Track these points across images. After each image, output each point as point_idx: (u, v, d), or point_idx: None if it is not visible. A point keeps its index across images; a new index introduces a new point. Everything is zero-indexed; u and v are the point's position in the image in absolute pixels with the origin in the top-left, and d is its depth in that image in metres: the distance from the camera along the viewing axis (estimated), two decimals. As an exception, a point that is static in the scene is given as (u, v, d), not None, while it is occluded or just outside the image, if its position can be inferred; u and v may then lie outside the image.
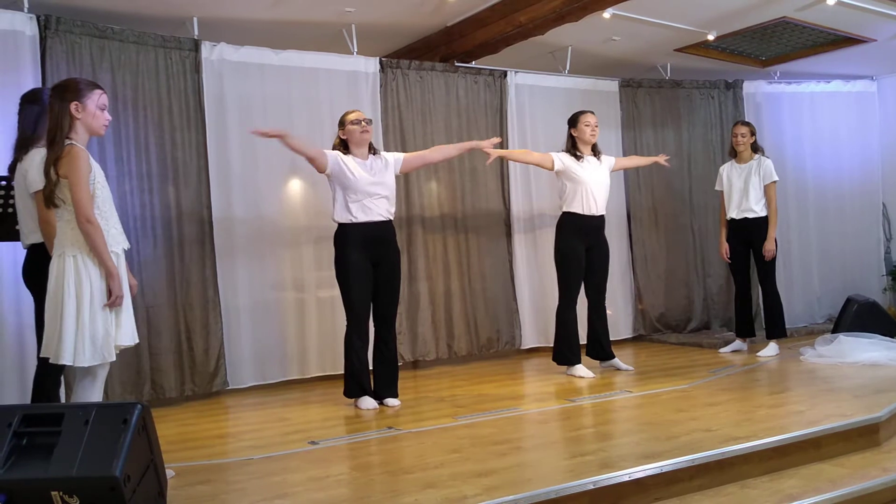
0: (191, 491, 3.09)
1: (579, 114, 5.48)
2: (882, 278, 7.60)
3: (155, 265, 5.03)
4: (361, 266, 4.55)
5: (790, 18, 6.08)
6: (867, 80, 7.70)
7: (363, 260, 4.56)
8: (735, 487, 3.15)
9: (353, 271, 4.53)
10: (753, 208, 5.92)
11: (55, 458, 2.61)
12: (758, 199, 5.91)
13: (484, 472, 3.11)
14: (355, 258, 4.53)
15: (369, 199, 4.56)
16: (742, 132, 6.01)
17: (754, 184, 5.92)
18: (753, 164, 5.97)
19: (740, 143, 6.01)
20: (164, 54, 5.13)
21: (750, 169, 5.96)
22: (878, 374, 4.88)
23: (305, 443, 3.82)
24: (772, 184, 5.90)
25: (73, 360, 3.01)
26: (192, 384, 5.11)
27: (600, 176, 5.43)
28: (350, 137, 4.61)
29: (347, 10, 5.58)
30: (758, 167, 5.93)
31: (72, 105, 3.08)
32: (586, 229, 5.38)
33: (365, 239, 4.55)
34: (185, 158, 5.17)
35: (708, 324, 7.34)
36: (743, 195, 5.97)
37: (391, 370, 4.72)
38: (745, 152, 6.02)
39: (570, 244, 5.36)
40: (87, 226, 3.02)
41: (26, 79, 4.53)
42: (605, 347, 5.58)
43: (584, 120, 5.42)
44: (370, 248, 4.57)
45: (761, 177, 5.91)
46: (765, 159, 5.96)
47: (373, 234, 4.57)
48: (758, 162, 5.95)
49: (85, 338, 3.02)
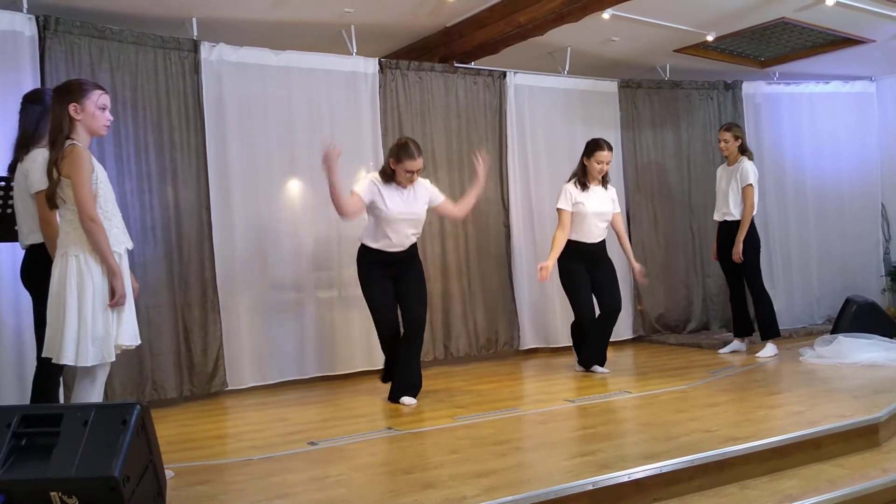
0: (190, 491, 3.09)
1: (595, 148, 5.48)
2: (881, 279, 7.60)
3: (154, 266, 5.02)
4: (382, 276, 4.68)
5: (789, 19, 6.09)
6: (866, 81, 7.70)
7: (384, 273, 4.68)
8: (735, 488, 3.15)
9: (374, 281, 4.67)
10: (732, 211, 5.95)
11: (54, 458, 2.61)
12: (736, 203, 5.93)
13: (483, 473, 3.11)
14: (376, 272, 4.67)
15: (397, 224, 4.63)
16: (725, 138, 6.01)
17: (734, 187, 5.94)
18: (736, 166, 5.99)
19: (724, 149, 6.04)
20: (163, 55, 5.13)
21: (733, 172, 5.99)
22: (877, 375, 4.88)
23: (305, 443, 3.82)
24: (748, 186, 5.88)
25: (76, 359, 3.01)
26: (191, 385, 5.11)
27: (604, 206, 5.48)
28: (398, 176, 4.63)
29: (347, 11, 5.58)
30: (738, 170, 5.95)
31: (70, 107, 3.09)
32: (587, 255, 5.45)
33: (385, 262, 4.68)
34: (184, 159, 5.17)
35: (707, 324, 7.34)
36: (724, 198, 6.01)
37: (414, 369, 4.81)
38: (732, 156, 6.03)
39: (572, 266, 5.42)
40: (90, 224, 3.02)
41: (25, 79, 4.52)
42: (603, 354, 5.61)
43: (598, 157, 5.43)
44: (390, 267, 4.70)
45: (738, 180, 5.93)
46: (745, 161, 5.95)
47: (394, 259, 4.69)
48: (738, 164, 5.97)
49: (87, 338, 3.02)
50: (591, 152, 5.47)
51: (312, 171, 5.64)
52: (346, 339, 5.75)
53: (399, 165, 4.60)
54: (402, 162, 4.59)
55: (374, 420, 4.33)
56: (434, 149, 6.18)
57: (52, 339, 3.05)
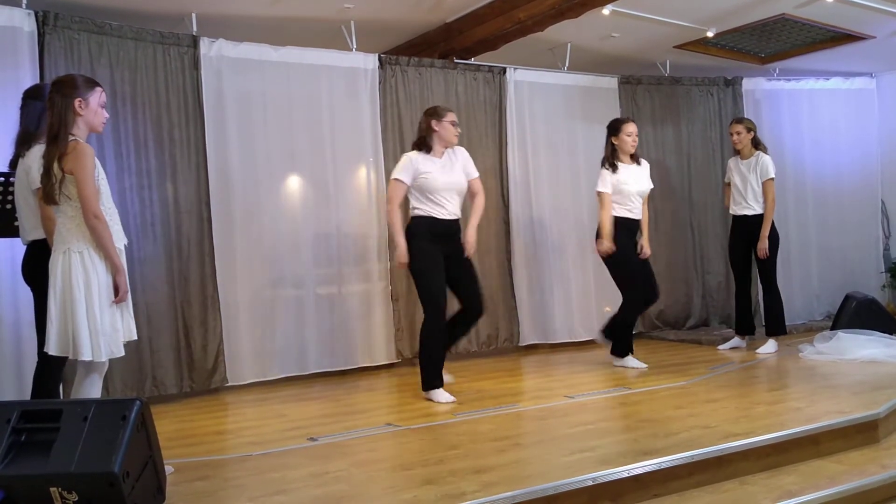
0: (190, 487, 3.09)
1: (621, 123, 5.51)
2: (881, 275, 7.60)
3: (154, 262, 5.02)
4: (435, 255, 4.58)
5: (789, 15, 6.08)
6: (866, 77, 7.69)
7: (435, 251, 4.58)
8: (734, 484, 3.16)
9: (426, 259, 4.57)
10: (752, 205, 5.93)
11: (54, 454, 2.61)
12: (755, 197, 5.92)
13: (483, 469, 3.12)
14: (427, 248, 4.57)
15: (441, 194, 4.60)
16: (737, 130, 6.01)
17: (752, 181, 5.93)
18: (753, 160, 5.97)
19: (737, 142, 6.02)
20: (162, 50, 5.12)
21: (749, 166, 5.97)
22: (876, 371, 4.88)
23: (304, 439, 3.82)
24: (768, 181, 5.89)
25: (92, 354, 3.01)
26: (191, 381, 5.11)
27: (643, 181, 5.50)
28: (445, 133, 4.64)
29: (346, 7, 5.57)
30: (755, 164, 5.94)
31: (75, 101, 3.08)
32: (631, 231, 5.45)
33: (433, 233, 4.59)
34: (183, 155, 5.16)
35: (707, 321, 7.35)
36: (742, 192, 5.98)
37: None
38: (745, 149, 6.01)
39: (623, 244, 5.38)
40: (95, 221, 3.02)
41: (25, 75, 4.52)
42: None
43: (626, 130, 5.44)
44: (439, 241, 4.59)
45: (758, 174, 5.92)
46: (763, 156, 5.95)
47: (443, 229, 4.61)
48: (756, 159, 5.96)
49: (98, 333, 3.02)
50: (618, 129, 5.47)
51: (312, 167, 5.65)
52: (345, 336, 5.75)
53: (443, 120, 4.63)
54: (444, 115, 4.65)
55: (374, 416, 4.34)
56: (434, 145, 6.17)
57: (62, 335, 3.04)
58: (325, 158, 5.72)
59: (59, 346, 3.05)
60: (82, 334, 2.99)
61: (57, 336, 3.05)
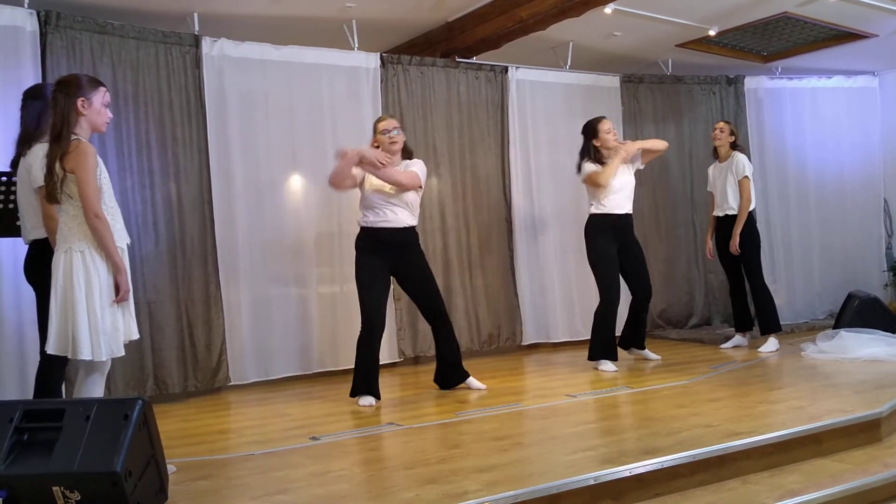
0: (192, 486, 3.09)
1: (596, 123, 5.50)
2: (883, 274, 7.60)
3: (156, 261, 5.03)
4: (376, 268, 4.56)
5: (792, 14, 6.07)
6: (869, 76, 7.68)
7: (379, 263, 4.56)
8: (736, 483, 3.15)
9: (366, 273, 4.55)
10: (732, 205, 5.98)
11: (56, 453, 2.62)
12: (736, 197, 5.95)
13: (485, 468, 3.12)
14: (370, 261, 4.55)
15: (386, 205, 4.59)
16: (720, 127, 6.08)
17: (730, 182, 5.98)
18: (729, 161, 6.02)
19: (717, 139, 6.07)
20: (164, 50, 5.13)
21: (727, 167, 6.02)
22: (879, 370, 4.87)
23: (307, 438, 3.82)
24: (744, 178, 5.93)
25: (92, 354, 3.01)
26: (195, 380, 5.11)
27: (627, 176, 5.50)
28: (381, 147, 4.63)
29: (348, 6, 5.57)
30: (732, 164, 5.98)
31: (79, 101, 3.08)
32: (614, 228, 5.44)
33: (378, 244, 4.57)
34: (185, 154, 5.17)
35: (709, 320, 7.34)
36: (722, 194, 6.03)
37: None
38: (723, 149, 6.07)
39: (601, 244, 5.41)
40: (96, 221, 3.02)
41: (27, 74, 4.53)
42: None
43: (604, 127, 5.45)
44: (385, 252, 4.58)
45: (735, 173, 5.94)
46: (738, 155, 6.00)
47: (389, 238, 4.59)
48: (732, 158, 6.00)
49: (99, 332, 3.02)
50: (595, 129, 5.48)
51: (314, 165, 5.64)
52: (348, 335, 5.74)
53: (374, 136, 4.67)
54: (375, 129, 4.68)
55: (376, 415, 4.34)
56: (436, 144, 6.18)
57: (62, 334, 3.04)
58: (326, 157, 5.71)
59: (58, 346, 3.06)
60: (82, 334, 2.99)
61: (56, 335, 3.06)
